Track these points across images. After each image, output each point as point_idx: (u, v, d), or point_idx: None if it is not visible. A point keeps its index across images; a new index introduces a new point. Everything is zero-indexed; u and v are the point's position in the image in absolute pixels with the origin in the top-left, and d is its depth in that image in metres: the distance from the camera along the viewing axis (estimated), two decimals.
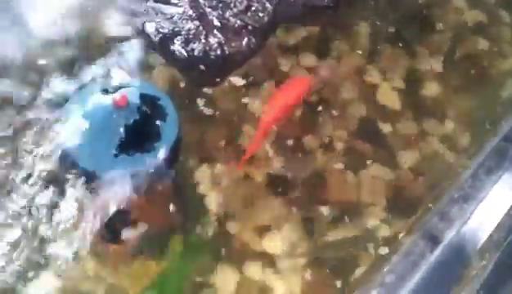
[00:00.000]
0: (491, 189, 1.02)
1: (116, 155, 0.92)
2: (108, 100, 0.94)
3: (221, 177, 1.21)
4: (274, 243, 1.14)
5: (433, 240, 0.93)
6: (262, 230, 1.15)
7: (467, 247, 0.94)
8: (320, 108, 1.31)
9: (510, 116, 1.21)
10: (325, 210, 1.18)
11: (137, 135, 0.93)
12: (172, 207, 1.14)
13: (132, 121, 0.93)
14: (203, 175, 1.20)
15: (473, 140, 1.28)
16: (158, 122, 0.95)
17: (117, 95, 0.93)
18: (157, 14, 1.21)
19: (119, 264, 1.09)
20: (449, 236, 0.94)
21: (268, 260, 1.12)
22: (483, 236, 0.97)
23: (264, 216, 1.17)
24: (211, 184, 1.20)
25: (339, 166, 1.25)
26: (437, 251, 0.91)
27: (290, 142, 1.26)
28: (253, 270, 1.11)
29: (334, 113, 1.31)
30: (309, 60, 1.38)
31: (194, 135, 1.25)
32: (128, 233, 1.03)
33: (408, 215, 1.17)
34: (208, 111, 1.27)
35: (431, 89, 1.39)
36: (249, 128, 1.27)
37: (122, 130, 0.92)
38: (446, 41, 1.47)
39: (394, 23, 1.47)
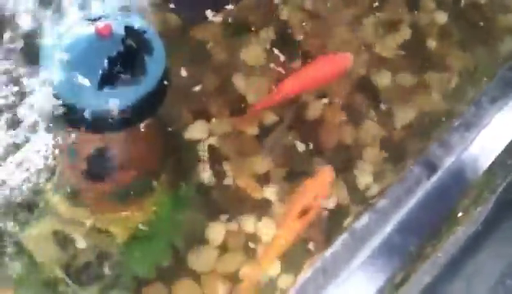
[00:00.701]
0: (495, 117, 0.97)
1: (99, 88, 0.86)
2: (91, 29, 0.88)
3: (213, 127, 1.18)
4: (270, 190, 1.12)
5: (431, 167, 0.88)
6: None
7: (466, 174, 0.90)
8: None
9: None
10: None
11: (122, 67, 0.87)
12: (158, 152, 1.10)
13: (115, 52, 0.87)
14: (194, 124, 1.18)
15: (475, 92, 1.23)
16: (143, 56, 0.89)
17: (100, 24, 0.87)
18: None
19: (102, 207, 1.06)
20: (447, 163, 0.90)
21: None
22: (484, 163, 0.93)
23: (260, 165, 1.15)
24: (203, 133, 1.17)
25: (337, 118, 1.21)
26: (435, 178, 0.87)
27: None
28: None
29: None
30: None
31: (183, 82, 1.21)
32: (111, 174, 0.99)
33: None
34: (198, 57, 1.24)
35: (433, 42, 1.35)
36: (239, 78, 1.23)
37: (105, 61, 0.86)
38: None
39: None
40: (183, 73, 1.22)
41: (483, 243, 1.09)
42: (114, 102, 0.84)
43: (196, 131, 1.17)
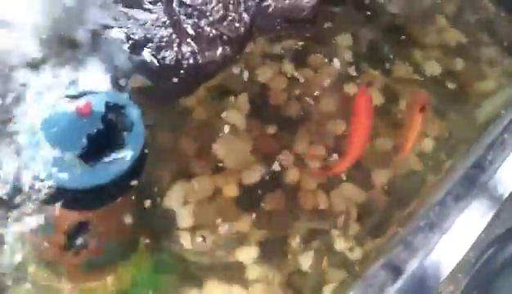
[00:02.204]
0: (458, 218, 0.98)
1: (78, 166, 0.87)
2: (71, 106, 0.90)
3: (192, 192, 1.18)
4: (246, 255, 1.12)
5: (395, 270, 0.89)
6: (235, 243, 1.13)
7: (429, 280, 0.91)
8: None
9: (482, 140, 1.20)
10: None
11: (101, 145, 0.89)
12: (134, 221, 1.11)
13: (95, 130, 0.88)
14: (173, 188, 1.17)
15: (448, 159, 1.27)
16: (123, 132, 0.91)
17: (81, 103, 0.89)
18: (129, 19, 1.17)
19: (79, 277, 1.05)
20: (412, 267, 0.90)
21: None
22: (446, 269, 0.93)
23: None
24: (182, 199, 1.17)
25: (312, 185, 1.23)
26: (400, 283, 0.88)
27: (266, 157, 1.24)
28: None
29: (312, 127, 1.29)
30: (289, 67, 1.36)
31: (166, 146, 1.22)
32: (87, 246, 0.98)
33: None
34: (182, 121, 1.25)
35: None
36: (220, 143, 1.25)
37: (84, 139, 0.88)
38: (425, 58, 1.46)
39: (374, 38, 1.46)
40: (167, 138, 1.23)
41: None
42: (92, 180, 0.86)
43: (176, 195, 1.18)
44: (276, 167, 1.23)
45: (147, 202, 1.14)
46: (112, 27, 1.18)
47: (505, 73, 1.51)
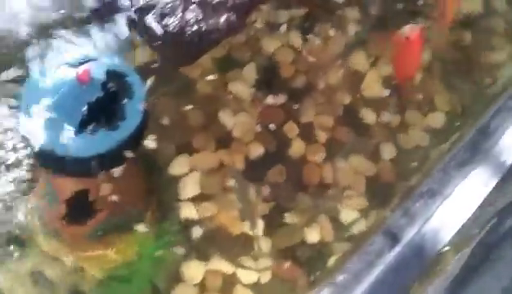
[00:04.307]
0: (460, 184, 0.96)
1: (77, 133, 0.86)
2: (71, 74, 0.88)
3: (197, 163, 1.17)
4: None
5: (393, 238, 0.87)
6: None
7: (427, 248, 0.88)
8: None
9: (489, 107, 1.16)
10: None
11: (101, 112, 0.87)
12: (138, 191, 1.10)
13: (95, 98, 0.87)
14: (178, 159, 1.17)
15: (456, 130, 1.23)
16: (123, 100, 0.89)
17: (80, 70, 0.87)
18: None
19: (82, 246, 1.05)
20: (410, 234, 0.88)
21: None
22: (446, 236, 0.91)
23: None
24: (187, 170, 1.16)
25: (319, 156, 1.21)
26: (396, 250, 0.86)
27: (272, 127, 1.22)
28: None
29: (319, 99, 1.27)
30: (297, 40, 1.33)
31: (171, 117, 1.21)
32: (89, 216, 0.98)
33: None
34: (188, 92, 1.23)
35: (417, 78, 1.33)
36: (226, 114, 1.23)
37: (84, 107, 0.86)
38: (435, 30, 1.41)
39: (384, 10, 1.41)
40: (170, 109, 1.22)
41: None
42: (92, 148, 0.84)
43: (180, 166, 1.17)
44: (282, 137, 1.21)
45: (152, 173, 1.14)
46: None
47: None
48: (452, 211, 0.93)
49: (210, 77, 1.26)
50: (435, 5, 1.34)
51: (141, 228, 1.07)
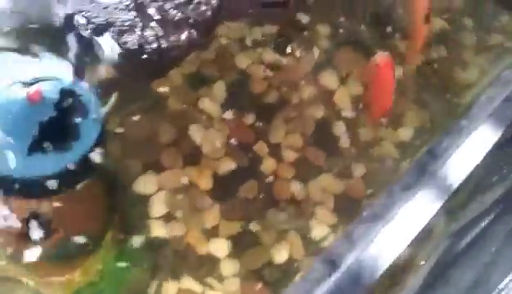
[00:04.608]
0: (403, 207, 0.92)
1: (29, 155, 0.84)
2: (22, 93, 0.87)
3: (164, 181, 1.15)
4: (218, 246, 1.10)
5: (332, 264, 0.85)
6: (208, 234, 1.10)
7: (365, 275, 0.85)
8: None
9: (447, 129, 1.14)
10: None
11: (53, 132, 0.86)
12: (101, 210, 1.08)
13: (47, 118, 0.85)
14: (145, 177, 1.15)
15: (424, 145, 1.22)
16: (77, 120, 0.88)
17: (31, 90, 0.85)
18: (91, 3, 1.13)
19: (41, 270, 1.03)
20: (349, 261, 0.86)
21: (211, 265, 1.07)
22: (384, 264, 0.88)
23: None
24: (154, 188, 1.14)
25: (288, 174, 1.20)
26: (335, 277, 0.83)
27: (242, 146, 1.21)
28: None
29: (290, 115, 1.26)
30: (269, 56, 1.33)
31: (138, 134, 1.19)
32: (46, 238, 0.96)
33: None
34: (156, 109, 1.22)
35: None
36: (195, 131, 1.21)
37: (36, 127, 0.84)
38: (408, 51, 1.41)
39: (354, 25, 1.42)
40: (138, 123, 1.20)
41: None
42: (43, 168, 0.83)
43: (146, 184, 1.15)
44: (251, 156, 1.20)
45: (116, 191, 1.11)
46: (73, 12, 1.14)
47: (487, 59, 1.47)
48: (393, 236, 0.90)
49: (180, 94, 1.25)
50: (407, 27, 1.35)
51: (103, 247, 1.05)
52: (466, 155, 1.03)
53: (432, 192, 0.96)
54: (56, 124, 0.85)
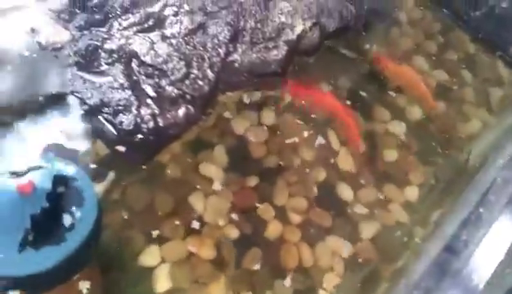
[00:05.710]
0: None
1: (20, 250, 0.79)
2: (12, 184, 0.82)
3: (166, 253, 1.09)
4: None
5: None
6: None
7: None
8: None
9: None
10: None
11: (46, 225, 0.81)
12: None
13: (39, 210, 0.80)
14: (147, 250, 1.09)
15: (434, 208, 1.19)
16: (72, 209, 0.83)
17: (22, 181, 0.81)
18: (84, 83, 1.11)
19: None
20: None
21: None
22: None
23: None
24: (156, 261, 1.08)
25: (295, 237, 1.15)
26: None
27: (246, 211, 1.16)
28: None
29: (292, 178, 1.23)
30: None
31: (138, 206, 1.13)
32: None
33: None
34: (156, 179, 1.17)
35: (392, 154, 1.33)
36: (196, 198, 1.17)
37: (27, 221, 0.80)
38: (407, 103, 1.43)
39: (351, 85, 1.42)
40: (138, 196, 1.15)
41: None
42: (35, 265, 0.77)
43: (149, 257, 1.09)
44: (256, 221, 1.15)
45: (113, 270, 1.05)
46: (66, 93, 1.12)
47: (489, 112, 1.45)
48: None
49: (180, 162, 1.21)
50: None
51: None
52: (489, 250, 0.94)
53: None
54: (48, 216, 0.81)
